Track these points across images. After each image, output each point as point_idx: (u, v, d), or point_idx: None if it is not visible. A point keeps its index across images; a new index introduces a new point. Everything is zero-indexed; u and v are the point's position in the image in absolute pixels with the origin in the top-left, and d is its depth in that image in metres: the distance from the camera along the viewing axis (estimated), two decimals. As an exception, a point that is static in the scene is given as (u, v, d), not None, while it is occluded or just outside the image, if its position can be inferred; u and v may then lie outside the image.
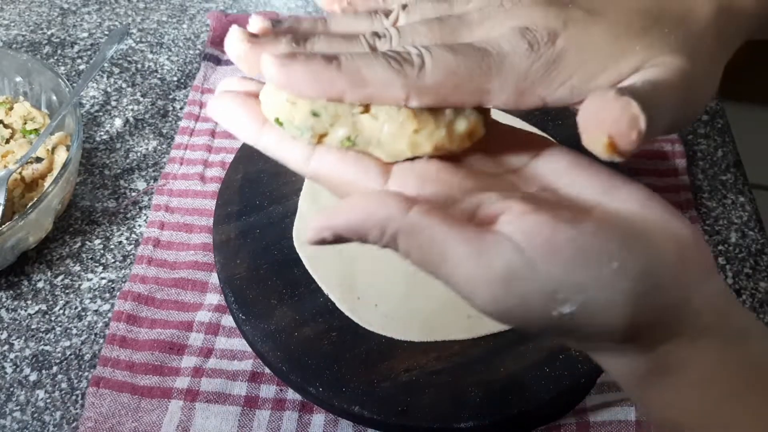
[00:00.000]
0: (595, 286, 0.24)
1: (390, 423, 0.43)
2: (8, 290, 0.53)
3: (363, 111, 0.26)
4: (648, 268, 0.24)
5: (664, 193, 0.59)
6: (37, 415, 0.46)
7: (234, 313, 0.48)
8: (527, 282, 0.24)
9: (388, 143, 0.27)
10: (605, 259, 0.24)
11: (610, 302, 0.24)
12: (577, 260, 0.24)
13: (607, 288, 0.24)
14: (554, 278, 0.24)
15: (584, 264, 0.24)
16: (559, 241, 0.24)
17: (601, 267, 0.24)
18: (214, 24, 0.72)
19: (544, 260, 0.23)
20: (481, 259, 0.24)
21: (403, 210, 0.24)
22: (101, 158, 0.61)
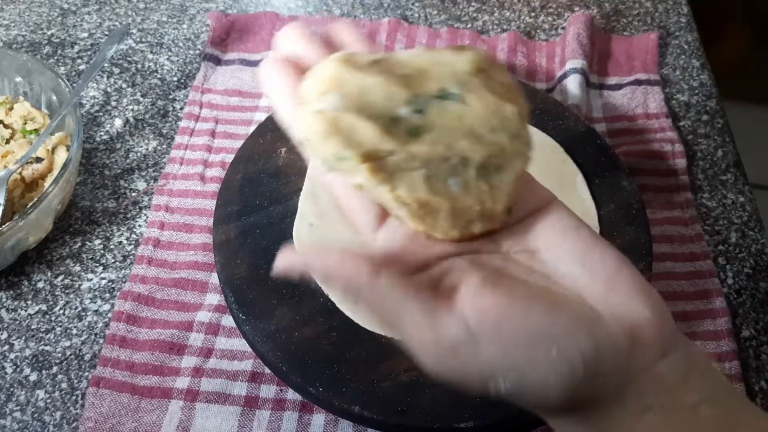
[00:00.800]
0: (531, 367, 0.26)
1: (390, 423, 0.43)
2: (8, 290, 0.53)
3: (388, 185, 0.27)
4: (589, 355, 0.26)
5: (664, 193, 0.59)
6: (37, 415, 0.46)
7: (234, 313, 0.48)
8: (469, 356, 0.26)
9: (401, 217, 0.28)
10: (546, 344, 0.25)
11: (545, 384, 0.26)
12: (518, 343, 0.26)
13: (543, 371, 0.26)
14: (493, 358, 0.26)
15: (525, 346, 0.26)
16: (505, 323, 0.26)
17: (541, 351, 0.26)
18: (214, 24, 0.72)
19: (488, 340, 0.26)
20: (433, 330, 0.26)
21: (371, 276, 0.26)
22: (101, 158, 0.61)
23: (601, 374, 0.26)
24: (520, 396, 0.27)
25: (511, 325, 0.26)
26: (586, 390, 0.26)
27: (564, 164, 0.56)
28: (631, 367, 0.26)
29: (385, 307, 0.27)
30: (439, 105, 0.29)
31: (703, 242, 0.56)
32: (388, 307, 0.27)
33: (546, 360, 0.25)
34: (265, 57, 0.70)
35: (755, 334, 0.51)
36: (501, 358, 0.26)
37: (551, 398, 0.26)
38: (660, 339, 0.27)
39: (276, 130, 0.58)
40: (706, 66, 0.71)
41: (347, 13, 0.76)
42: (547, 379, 0.26)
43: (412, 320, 0.26)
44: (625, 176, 0.55)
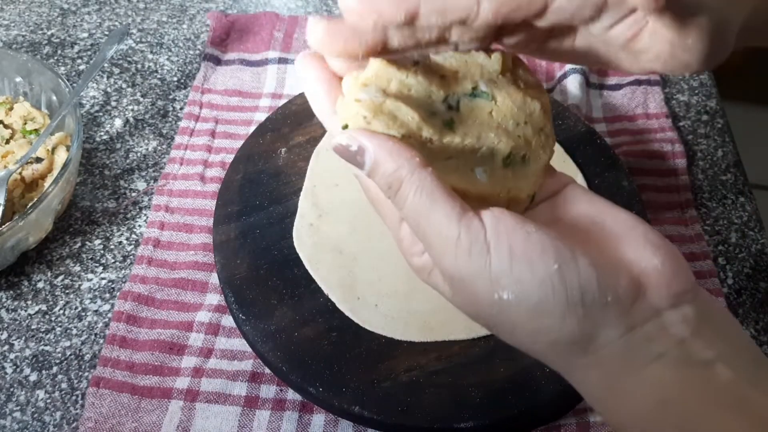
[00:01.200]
0: (534, 283, 0.27)
1: (390, 423, 0.43)
2: (8, 290, 0.53)
3: None
4: (588, 283, 0.27)
5: (664, 193, 0.59)
6: (37, 416, 0.46)
7: (234, 313, 0.48)
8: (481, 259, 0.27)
9: None
10: (549, 260, 0.27)
11: (543, 302, 0.27)
12: (524, 254, 0.27)
13: (544, 287, 0.27)
14: (501, 264, 0.27)
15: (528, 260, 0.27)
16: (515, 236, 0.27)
17: (544, 266, 0.27)
18: (214, 24, 0.72)
19: (498, 247, 0.27)
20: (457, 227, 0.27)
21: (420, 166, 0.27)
22: (101, 158, 0.61)
23: (600, 310, 0.27)
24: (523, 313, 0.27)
25: (520, 239, 0.27)
26: (583, 323, 0.27)
27: (564, 164, 0.56)
28: (636, 312, 0.27)
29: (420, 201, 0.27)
30: (471, 102, 0.31)
31: (703, 242, 0.56)
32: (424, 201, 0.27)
33: (546, 275, 0.27)
34: (265, 57, 0.70)
35: (755, 334, 0.51)
36: (507, 267, 0.27)
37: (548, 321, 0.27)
38: (668, 288, 0.27)
39: (276, 130, 0.59)
40: (706, 66, 0.71)
41: (347, 13, 0.76)
42: (547, 297, 0.27)
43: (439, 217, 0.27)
44: (625, 176, 0.55)
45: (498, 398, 0.44)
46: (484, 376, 0.45)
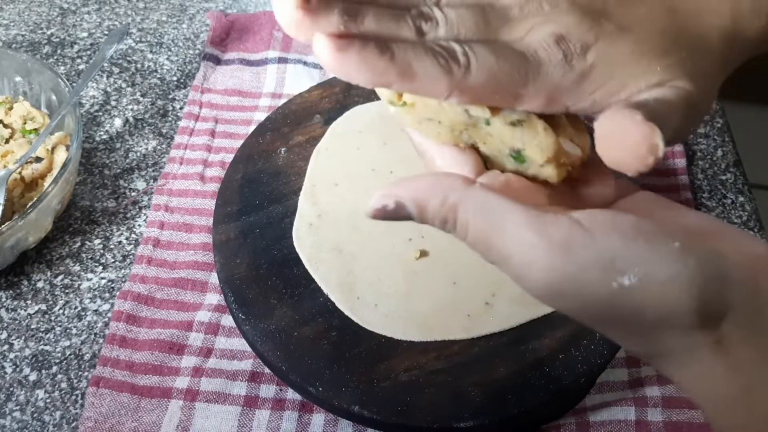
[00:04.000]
0: (657, 260, 0.23)
1: (390, 423, 0.43)
2: (8, 290, 0.53)
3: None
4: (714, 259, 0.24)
5: (664, 193, 0.59)
6: (37, 415, 0.46)
7: (234, 313, 0.48)
8: (586, 250, 0.24)
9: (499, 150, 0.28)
10: (668, 238, 0.24)
11: (673, 279, 0.23)
12: (638, 233, 0.24)
13: (670, 263, 0.23)
14: (613, 247, 0.24)
15: (645, 239, 0.24)
16: (620, 219, 0.24)
17: (663, 244, 0.24)
18: (213, 24, 0.72)
19: (604, 232, 0.24)
20: (540, 228, 0.24)
21: (465, 184, 0.25)
22: (101, 158, 0.61)
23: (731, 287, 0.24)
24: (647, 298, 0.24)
25: (627, 220, 0.25)
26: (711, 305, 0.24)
27: (564, 164, 0.56)
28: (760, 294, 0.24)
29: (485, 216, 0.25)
30: None
31: (702, 242, 0.56)
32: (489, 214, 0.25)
33: (670, 254, 0.24)
34: (265, 57, 0.70)
35: (755, 334, 0.51)
36: (623, 248, 0.24)
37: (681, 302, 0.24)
38: None
39: (276, 130, 0.59)
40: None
41: (347, 12, 0.76)
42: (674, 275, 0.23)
43: (515, 222, 0.24)
44: (625, 176, 0.55)
45: (498, 398, 0.44)
46: (484, 375, 0.45)
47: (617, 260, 0.24)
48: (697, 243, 0.24)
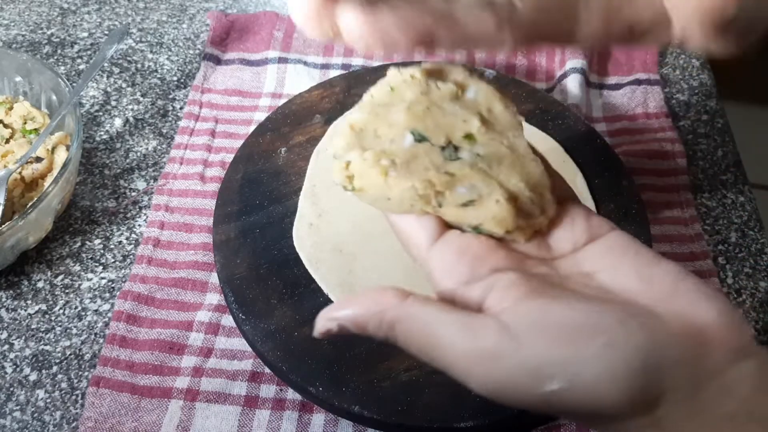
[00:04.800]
0: (582, 362, 0.24)
1: (390, 423, 0.43)
2: (8, 290, 0.53)
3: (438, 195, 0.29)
4: (646, 346, 0.24)
5: (664, 192, 0.59)
6: (37, 415, 0.46)
7: (234, 313, 0.48)
8: (513, 359, 0.24)
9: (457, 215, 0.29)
10: (593, 336, 0.24)
11: (599, 381, 0.24)
12: (561, 336, 0.24)
13: (596, 365, 0.24)
14: (539, 354, 0.24)
15: (570, 340, 0.24)
16: (546, 317, 0.25)
17: (589, 344, 0.24)
18: (214, 24, 0.72)
19: (530, 336, 0.24)
20: (471, 338, 0.25)
21: (399, 300, 0.26)
22: (101, 158, 0.61)
23: (664, 374, 0.24)
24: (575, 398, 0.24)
25: (553, 317, 0.25)
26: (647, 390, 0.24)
27: (564, 164, 0.56)
28: (701, 370, 0.25)
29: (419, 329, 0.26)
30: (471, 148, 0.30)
31: (703, 242, 0.56)
32: (422, 328, 0.26)
33: (598, 354, 0.24)
34: (265, 56, 0.70)
35: (755, 334, 0.51)
36: (547, 354, 0.24)
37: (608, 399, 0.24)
38: (730, 342, 0.25)
39: (276, 130, 0.59)
40: (706, 66, 0.71)
41: (347, 12, 0.76)
42: (602, 375, 0.24)
43: (447, 334, 0.26)
44: (625, 176, 0.55)
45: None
46: (484, 375, 0.44)
47: (544, 367, 0.24)
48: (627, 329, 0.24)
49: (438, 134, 0.30)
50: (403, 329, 0.26)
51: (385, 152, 0.29)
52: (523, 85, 0.62)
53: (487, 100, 0.32)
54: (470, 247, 0.28)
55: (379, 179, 0.29)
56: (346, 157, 0.30)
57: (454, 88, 0.32)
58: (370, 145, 0.30)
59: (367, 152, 0.29)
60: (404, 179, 0.28)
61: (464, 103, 0.31)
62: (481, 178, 0.29)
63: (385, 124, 0.30)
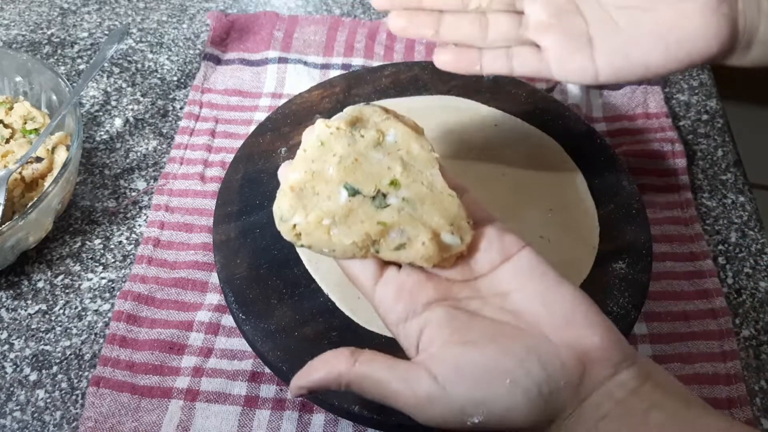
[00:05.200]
0: (493, 400, 0.31)
1: (390, 423, 0.43)
2: (8, 290, 0.53)
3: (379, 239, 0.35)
4: (541, 381, 0.31)
5: (664, 192, 0.59)
6: (37, 415, 0.46)
7: (234, 313, 0.48)
8: (442, 402, 0.31)
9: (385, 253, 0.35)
10: (502, 377, 0.31)
11: (509, 411, 0.31)
12: (479, 381, 0.31)
13: (504, 400, 0.31)
14: (461, 397, 0.31)
15: (485, 383, 0.31)
16: (465, 367, 0.31)
17: (497, 384, 0.31)
18: (214, 24, 0.72)
19: (452, 385, 0.31)
20: (410, 389, 0.32)
21: (350, 365, 0.33)
22: (101, 158, 0.61)
23: (557, 395, 0.31)
24: (494, 426, 0.31)
25: (469, 367, 0.31)
26: (546, 410, 0.31)
27: (564, 164, 0.56)
28: (584, 387, 0.31)
29: (371, 386, 0.33)
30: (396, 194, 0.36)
31: (703, 242, 0.56)
32: (373, 385, 0.33)
33: (504, 391, 0.31)
34: (265, 56, 0.70)
35: (755, 334, 0.51)
36: (468, 398, 0.31)
37: (519, 422, 0.31)
38: (608, 361, 0.32)
39: (276, 130, 0.59)
40: (706, 66, 0.71)
41: (347, 12, 0.76)
42: (510, 407, 0.31)
43: (394, 389, 0.32)
44: (625, 176, 0.55)
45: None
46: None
47: (466, 406, 0.31)
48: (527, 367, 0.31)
49: (368, 184, 0.35)
50: (357, 387, 0.33)
51: (324, 212, 0.34)
52: (523, 86, 0.62)
53: (405, 141, 0.37)
54: (405, 284, 0.35)
55: (323, 237, 0.34)
56: (292, 221, 0.35)
57: (375, 135, 0.37)
58: (311, 203, 0.35)
59: (310, 214, 0.34)
60: (345, 236, 0.34)
61: (386, 148, 0.37)
62: (408, 222, 0.34)
63: (321, 181, 0.35)
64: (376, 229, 0.34)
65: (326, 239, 0.34)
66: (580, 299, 0.34)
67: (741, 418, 0.46)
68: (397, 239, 0.34)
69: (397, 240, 0.34)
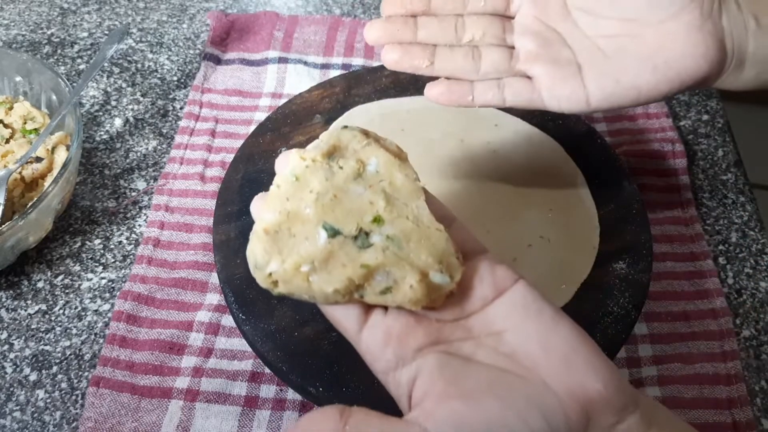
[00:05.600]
0: None
1: (390, 423, 0.43)
2: (8, 290, 0.53)
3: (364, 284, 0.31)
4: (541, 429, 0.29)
5: (664, 192, 0.59)
6: (37, 415, 0.46)
7: (234, 313, 0.48)
8: None
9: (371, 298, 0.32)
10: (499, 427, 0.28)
11: None
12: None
13: None
14: None
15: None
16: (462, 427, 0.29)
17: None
18: (214, 24, 0.72)
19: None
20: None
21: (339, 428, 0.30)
22: (101, 158, 0.61)
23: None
24: None
25: (468, 425, 0.29)
26: None
27: (564, 164, 0.56)
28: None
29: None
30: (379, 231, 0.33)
31: (703, 242, 0.56)
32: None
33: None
34: (265, 56, 0.70)
35: (755, 334, 0.51)
36: None
37: None
38: (612, 409, 0.30)
39: (276, 130, 0.59)
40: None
41: (347, 12, 0.76)
42: None
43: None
44: (625, 176, 0.55)
45: None
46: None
47: None
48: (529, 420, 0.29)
49: (348, 222, 0.32)
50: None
51: (302, 257, 0.31)
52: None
53: (387, 171, 0.34)
54: (392, 329, 0.32)
55: (302, 284, 0.31)
56: (267, 269, 0.32)
57: (355, 166, 0.33)
58: (287, 246, 0.32)
59: (287, 260, 0.31)
60: (326, 283, 0.31)
61: (367, 179, 0.33)
62: (394, 262, 0.31)
63: (297, 222, 0.32)
64: (359, 272, 0.31)
65: (306, 287, 0.31)
66: (580, 339, 0.32)
67: (741, 418, 0.46)
68: (383, 282, 0.31)
69: (383, 283, 0.31)
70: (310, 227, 0.32)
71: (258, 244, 0.32)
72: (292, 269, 0.31)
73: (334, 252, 0.31)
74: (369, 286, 0.31)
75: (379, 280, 0.31)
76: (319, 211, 0.32)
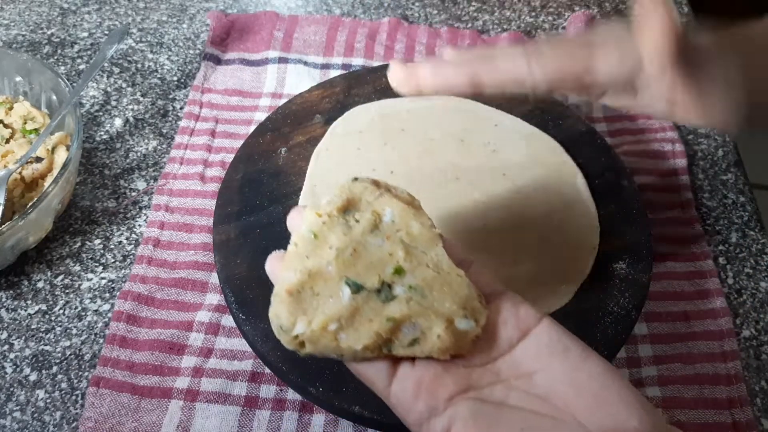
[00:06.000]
0: None
1: (390, 423, 0.43)
2: (8, 290, 0.53)
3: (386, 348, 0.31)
4: None
5: (664, 192, 0.59)
6: (37, 415, 0.46)
7: (234, 313, 0.48)
8: None
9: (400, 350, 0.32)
10: None
11: None
12: None
13: None
14: None
15: None
16: None
17: None
18: (214, 24, 0.72)
19: None
20: None
21: None
22: (101, 158, 0.61)
23: None
24: None
25: None
26: None
27: (564, 164, 0.56)
28: None
29: None
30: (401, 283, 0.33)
31: (703, 242, 0.56)
32: None
33: None
34: (265, 56, 0.70)
35: (755, 334, 0.51)
36: None
37: None
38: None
39: (276, 130, 0.59)
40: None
41: (347, 12, 0.76)
42: None
43: None
44: (625, 176, 0.55)
45: None
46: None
47: None
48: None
49: (370, 276, 0.32)
50: None
51: (329, 316, 0.31)
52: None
53: (403, 221, 0.34)
54: (422, 380, 0.31)
55: (331, 344, 0.31)
56: (294, 332, 0.31)
57: (371, 218, 0.33)
58: (311, 306, 0.31)
59: (313, 321, 0.31)
60: (354, 341, 0.31)
61: (384, 230, 0.33)
62: (419, 312, 0.31)
63: (320, 280, 0.32)
64: (386, 326, 0.31)
65: (334, 346, 0.31)
66: (609, 374, 0.31)
67: (741, 418, 0.46)
68: (410, 334, 0.31)
69: (410, 335, 0.31)
70: (333, 284, 0.32)
71: (281, 306, 0.32)
72: (319, 330, 0.31)
73: (359, 307, 0.31)
74: (396, 339, 0.31)
75: (405, 332, 0.31)
76: (340, 266, 0.32)
